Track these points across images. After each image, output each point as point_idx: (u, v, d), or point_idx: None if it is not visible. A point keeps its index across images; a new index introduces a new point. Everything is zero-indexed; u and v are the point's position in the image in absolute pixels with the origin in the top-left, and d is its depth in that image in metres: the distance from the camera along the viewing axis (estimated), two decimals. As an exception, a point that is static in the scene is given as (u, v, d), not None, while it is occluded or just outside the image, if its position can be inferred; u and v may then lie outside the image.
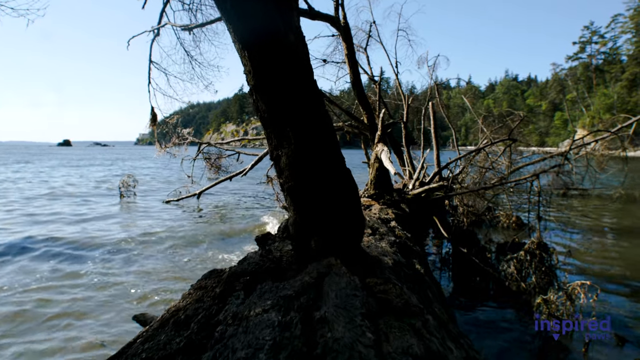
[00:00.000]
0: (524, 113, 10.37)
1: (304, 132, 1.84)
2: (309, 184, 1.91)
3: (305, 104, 1.84)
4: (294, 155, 1.86)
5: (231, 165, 12.95)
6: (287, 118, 1.84)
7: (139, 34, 8.11)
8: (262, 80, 1.79)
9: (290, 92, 1.80)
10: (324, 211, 1.96)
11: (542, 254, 6.13)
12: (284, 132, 1.88)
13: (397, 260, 2.49)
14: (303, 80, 1.85)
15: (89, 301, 4.64)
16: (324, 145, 1.90)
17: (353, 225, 2.04)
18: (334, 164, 1.94)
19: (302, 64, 1.85)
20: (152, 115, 8.65)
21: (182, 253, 6.65)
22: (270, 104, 1.84)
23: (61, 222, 8.94)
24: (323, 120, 1.91)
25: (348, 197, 2.01)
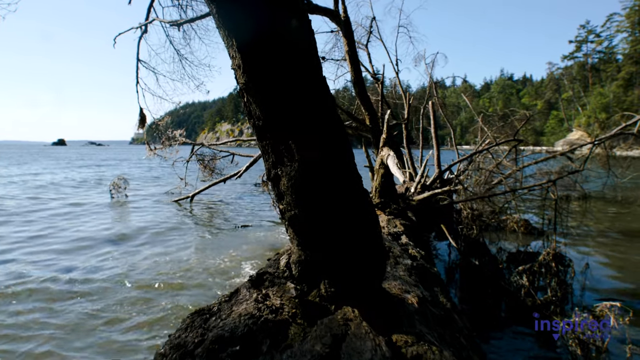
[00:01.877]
0: (530, 112, 10.01)
1: (311, 146, 1.40)
2: (317, 213, 1.47)
3: (313, 108, 1.40)
4: (298, 176, 1.42)
5: (226, 167, 12.50)
6: (290, 127, 1.40)
7: (125, 31, 7.63)
8: (255, 77, 1.35)
9: (294, 92, 1.36)
10: (336, 247, 1.52)
11: (558, 266, 5.72)
12: (286, 145, 1.43)
13: (422, 297, 2.05)
14: (310, 76, 1.41)
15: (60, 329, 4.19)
16: (337, 163, 1.46)
17: (374, 263, 1.60)
18: (349, 187, 1.50)
19: (308, 56, 1.40)
20: (141, 116, 8.17)
21: (170, 260, 6.19)
22: (267, 109, 1.40)
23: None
24: (336, 129, 1.46)
25: (367, 228, 1.58)
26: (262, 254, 6.92)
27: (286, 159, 1.44)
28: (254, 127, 1.51)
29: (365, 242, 1.55)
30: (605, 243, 7.43)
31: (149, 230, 8.61)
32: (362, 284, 1.56)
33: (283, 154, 1.44)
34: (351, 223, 1.51)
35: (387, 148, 5.30)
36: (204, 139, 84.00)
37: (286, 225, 1.59)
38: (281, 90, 1.34)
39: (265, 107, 1.39)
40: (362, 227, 1.54)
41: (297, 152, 1.40)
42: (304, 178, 1.41)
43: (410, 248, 3.42)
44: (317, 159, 1.41)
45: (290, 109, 1.37)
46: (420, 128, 11.20)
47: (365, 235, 1.55)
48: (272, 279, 1.75)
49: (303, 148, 1.40)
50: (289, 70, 1.32)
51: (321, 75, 1.48)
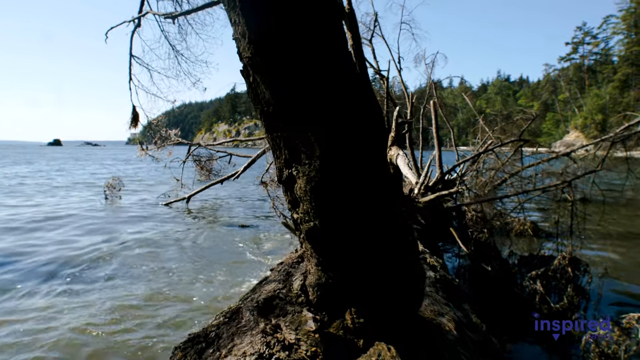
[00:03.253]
0: (536, 112, 9.74)
1: (339, 139, 1.08)
2: (344, 225, 1.15)
3: (342, 88, 1.08)
4: (320, 178, 1.10)
5: (223, 168, 12.15)
6: (310, 113, 1.08)
7: (117, 25, 7.27)
8: (266, 47, 1.03)
9: (317, 66, 1.04)
10: (366, 267, 1.20)
11: (574, 271, 5.42)
12: (304, 138, 1.12)
13: (458, 321, 1.74)
14: (335, 44, 1.09)
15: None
16: (370, 161, 1.14)
17: (411, 287, 1.28)
18: (382, 191, 1.18)
19: (332, 19, 1.09)
20: (134, 114, 7.81)
21: (166, 266, 5.84)
22: (281, 90, 1.07)
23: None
24: (370, 117, 1.15)
25: (403, 243, 1.26)
26: (262, 255, 6.58)
27: (304, 156, 1.12)
28: (261, 115, 1.19)
29: (401, 260, 1.23)
30: (623, 246, 7.15)
31: (143, 233, 8.25)
32: (398, 313, 1.24)
33: (300, 150, 1.13)
34: (385, 237, 1.20)
35: (395, 147, 4.97)
36: (200, 140, 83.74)
37: (301, 239, 1.28)
38: (300, 63, 1.02)
39: (278, 87, 1.07)
40: (397, 241, 1.23)
41: (319, 147, 1.08)
42: (328, 180, 1.09)
43: (427, 256, 3.11)
44: (346, 156, 1.09)
45: (312, 89, 1.05)
46: (420, 128, 10.92)
47: (401, 252, 1.23)
48: (283, 305, 1.42)
49: (327, 141, 1.08)
50: (311, 36, 1.00)
51: (347, 47, 1.17)
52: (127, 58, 7.33)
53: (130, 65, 7.30)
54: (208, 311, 4.51)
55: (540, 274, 5.59)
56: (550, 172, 7.70)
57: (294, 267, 2.82)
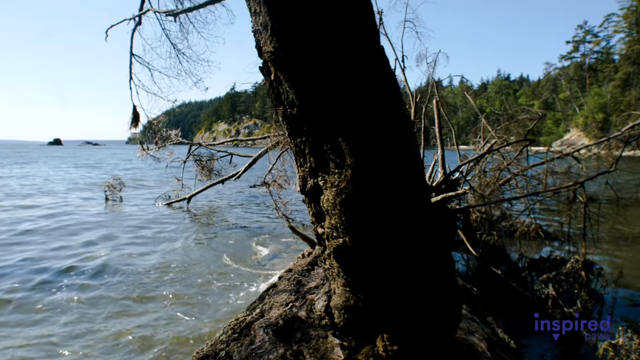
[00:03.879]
0: (542, 111, 9.59)
1: (374, 145, 0.95)
2: (378, 242, 1.02)
3: (378, 88, 0.95)
4: (352, 189, 0.96)
5: (223, 168, 12.02)
6: (343, 116, 0.95)
7: (118, 23, 7.13)
8: (292, 40, 0.90)
9: (353, 61, 0.91)
10: (401, 289, 1.07)
11: (588, 274, 5.30)
12: (333, 144, 0.98)
13: (488, 338, 1.61)
14: (372, 39, 0.96)
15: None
16: (406, 169, 1.01)
17: (449, 309, 1.15)
18: (419, 203, 1.05)
19: (365, 13, 0.96)
20: (134, 114, 7.66)
21: (164, 268, 5.71)
22: (308, 89, 0.94)
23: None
24: (404, 123, 1.02)
25: (441, 262, 1.13)
26: (265, 257, 6.44)
27: (333, 165, 0.99)
28: (283, 118, 1.05)
29: (439, 279, 1.10)
30: (637, 249, 7.01)
31: (144, 235, 8.12)
32: (435, 338, 1.11)
33: (328, 157, 0.99)
34: (423, 254, 1.06)
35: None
36: (200, 139, 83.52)
37: (325, 256, 1.15)
38: (333, 58, 0.88)
39: (305, 86, 0.93)
40: (435, 259, 1.09)
41: (352, 155, 0.95)
42: (361, 192, 0.96)
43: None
44: (381, 165, 0.96)
45: (345, 89, 0.91)
46: (421, 128, 10.79)
47: (439, 271, 1.10)
48: (305, 329, 1.28)
49: (361, 148, 0.95)
50: (346, 26, 0.86)
51: (379, 44, 1.03)
52: (128, 57, 7.19)
53: (130, 64, 7.15)
54: (209, 315, 4.38)
55: (552, 277, 5.47)
56: (558, 172, 7.56)
57: (305, 276, 2.68)
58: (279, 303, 2.01)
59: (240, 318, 2.47)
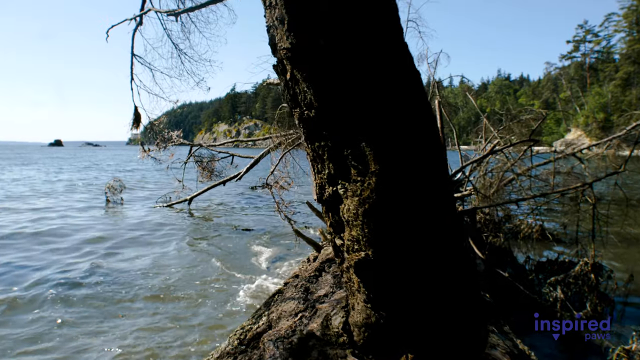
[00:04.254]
0: (546, 111, 9.50)
1: (401, 150, 0.87)
2: (403, 256, 0.94)
3: (404, 88, 0.87)
4: (376, 199, 0.89)
5: (224, 169, 11.95)
6: (367, 118, 0.87)
7: (119, 23, 7.06)
8: (314, 35, 0.82)
9: (378, 59, 0.83)
10: (428, 306, 0.99)
11: (597, 277, 5.21)
12: (355, 149, 0.91)
13: (510, 351, 1.52)
14: (397, 35, 0.88)
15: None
16: (434, 179, 0.93)
17: (476, 326, 1.07)
18: (448, 214, 0.97)
19: (390, 5, 0.88)
20: (136, 115, 7.59)
21: (165, 271, 5.62)
22: (330, 89, 0.87)
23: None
24: (431, 126, 0.94)
25: (469, 276, 1.05)
26: (267, 261, 6.36)
27: (355, 172, 0.90)
28: (300, 121, 0.97)
29: (467, 295, 1.02)
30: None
31: (144, 236, 8.04)
32: (463, 358, 1.03)
33: (349, 163, 0.91)
34: (450, 268, 0.98)
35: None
36: (201, 140, 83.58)
37: (344, 269, 1.06)
38: (357, 56, 0.80)
39: (326, 86, 0.85)
40: (463, 273, 1.01)
41: (376, 161, 0.87)
42: (387, 202, 0.88)
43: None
44: (409, 172, 0.88)
45: (370, 89, 0.83)
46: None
47: (467, 286, 1.02)
48: (322, 347, 1.19)
49: (386, 154, 0.86)
50: (372, 20, 0.78)
51: (402, 39, 0.94)
52: (129, 57, 7.13)
53: (131, 64, 7.08)
54: (206, 321, 4.28)
55: (560, 280, 5.38)
56: (562, 173, 7.46)
57: (312, 282, 2.60)
58: (288, 313, 1.93)
59: (246, 327, 2.39)
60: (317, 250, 4.03)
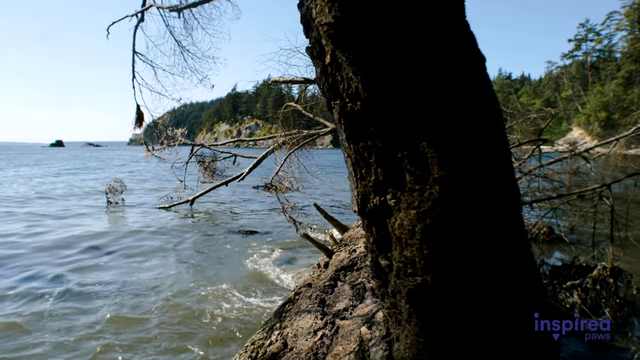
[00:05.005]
0: (555, 111, 9.31)
1: (472, 153, 0.70)
2: (470, 283, 0.77)
3: (472, 79, 0.70)
4: (441, 212, 0.71)
5: (227, 169, 11.78)
6: (430, 113, 0.70)
7: (120, 19, 6.89)
8: (367, 7, 0.64)
9: (437, 41, 0.66)
10: (496, 342, 0.82)
11: (616, 282, 5.02)
12: (411, 150, 0.73)
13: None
14: (459, 13, 0.71)
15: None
16: (508, 187, 0.76)
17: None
18: (521, 235, 0.80)
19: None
20: (138, 114, 7.43)
21: (166, 276, 5.43)
22: (383, 74, 0.69)
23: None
24: (501, 124, 0.77)
25: (539, 300, 0.87)
26: (271, 264, 6.17)
27: (411, 178, 0.73)
28: (341, 116, 0.79)
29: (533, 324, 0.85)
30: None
31: (144, 239, 7.87)
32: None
33: (404, 168, 0.73)
34: (523, 292, 0.81)
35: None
36: (202, 140, 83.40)
37: (387, 293, 0.89)
38: (416, 35, 0.62)
39: (377, 71, 0.67)
40: (535, 297, 0.84)
41: (441, 165, 0.69)
42: (454, 216, 0.70)
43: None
44: (483, 179, 0.70)
45: (435, 76, 0.66)
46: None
47: (537, 314, 0.85)
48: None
49: (456, 155, 0.69)
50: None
51: (464, 17, 0.76)
52: (130, 55, 6.96)
53: (133, 62, 6.92)
54: (213, 328, 4.10)
55: (577, 284, 5.19)
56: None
57: (328, 293, 2.42)
58: (305, 330, 1.74)
59: (257, 342, 2.21)
60: (327, 255, 3.85)
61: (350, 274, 2.51)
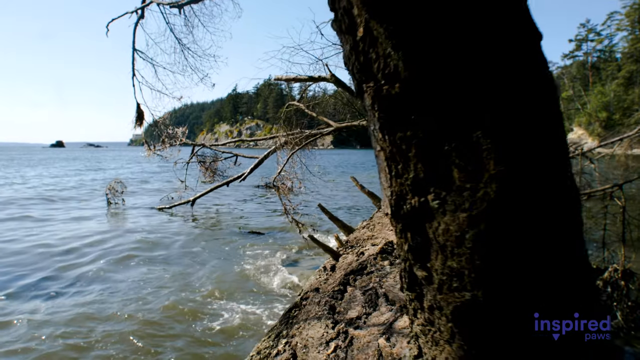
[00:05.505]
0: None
1: (535, 145, 0.59)
2: (530, 300, 0.65)
3: (533, 57, 0.58)
4: (496, 216, 0.60)
5: (228, 169, 11.68)
6: (486, 93, 0.58)
7: (119, 16, 6.78)
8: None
9: (495, 10, 0.54)
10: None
11: (628, 285, 4.91)
12: (463, 141, 0.62)
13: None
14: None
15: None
16: (571, 187, 0.65)
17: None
18: (578, 234, 0.69)
19: None
20: (138, 112, 7.31)
21: (167, 277, 5.31)
22: (430, 50, 0.58)
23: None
24: (560, 112, 0.66)
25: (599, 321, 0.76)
26: (275, 265, 6.04)
27: (461, 175, 0.61)
28: (374, 101, 0.67)
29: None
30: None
31: (145, 241, 7.76)
32: None
33: (452, 162, 0.61)
34: (582, 311, 0.69)
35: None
36: (202, 140, 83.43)
37: (422, 308, 0.77)
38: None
39: (423, 47, 0.56)
40: (592, 309, 0.72)
41: (499, 159, 0.58)
42: (514, 220, 0.59)
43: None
44: (548, 175, 0.58)
45: (492, 51, 0.54)
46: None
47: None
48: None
49: (517, 147, 0.57)
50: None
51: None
52: (130, 53, 6.85)
53: (133, 59, 6.80)
54: (205, 331, 3.98)
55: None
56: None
57: (337, 299, 2.29)
58: (316, 340, 1.62)
59: (262, 350, 2.08)
60: (334, 257, 3.72)
61: (360, 279, 2.39)
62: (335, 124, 7.14)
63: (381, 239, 3.59)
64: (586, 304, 0.70)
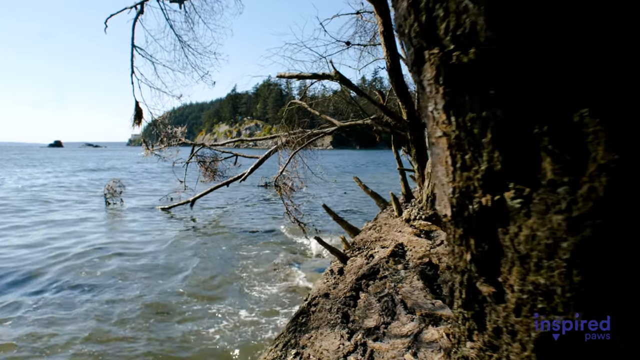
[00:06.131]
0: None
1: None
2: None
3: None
4: (607, 215, 0.48)
5: (228, 169, 11.55)
6: (591, 57, 0.45)
7: (118, 12, 6.62)
8: None
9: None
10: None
11: None
12: (560, 122, 0.49)
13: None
14: None
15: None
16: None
17: None
18: None
19: None
20: (137, 110, 7.16)
21: (168, 279, 5.15)
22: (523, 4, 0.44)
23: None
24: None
25: None
26: (277, 266, 5.90)
27: (555, 167, 0.47)
28: (440, 71, 0.53)
29: None
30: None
31: (145, 242, 7.61)
32: None
33: (541, 150, 0.48)
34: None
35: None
36: (201, 140, 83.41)
37: (486, 331, 0.64)
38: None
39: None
40: None
41: (609, 146, 0.44)
42: (628, 224, 0.46)
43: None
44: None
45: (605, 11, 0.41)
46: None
47: None
48: None
49: (631, 133, 0.44)
50: None
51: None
52: (129, 50, 6.70)
53: (132, 56, 6.65)
54: (206, 341, 3.83)
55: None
56: None
57: (350, 306, 2.15)
58: (332, 352, 1.48)
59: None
60: (341, 260, 3.58)
61: (373, 284, 2.25)
62: (339, 123, 6.99)
63: (390, 240, 3.45)
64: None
